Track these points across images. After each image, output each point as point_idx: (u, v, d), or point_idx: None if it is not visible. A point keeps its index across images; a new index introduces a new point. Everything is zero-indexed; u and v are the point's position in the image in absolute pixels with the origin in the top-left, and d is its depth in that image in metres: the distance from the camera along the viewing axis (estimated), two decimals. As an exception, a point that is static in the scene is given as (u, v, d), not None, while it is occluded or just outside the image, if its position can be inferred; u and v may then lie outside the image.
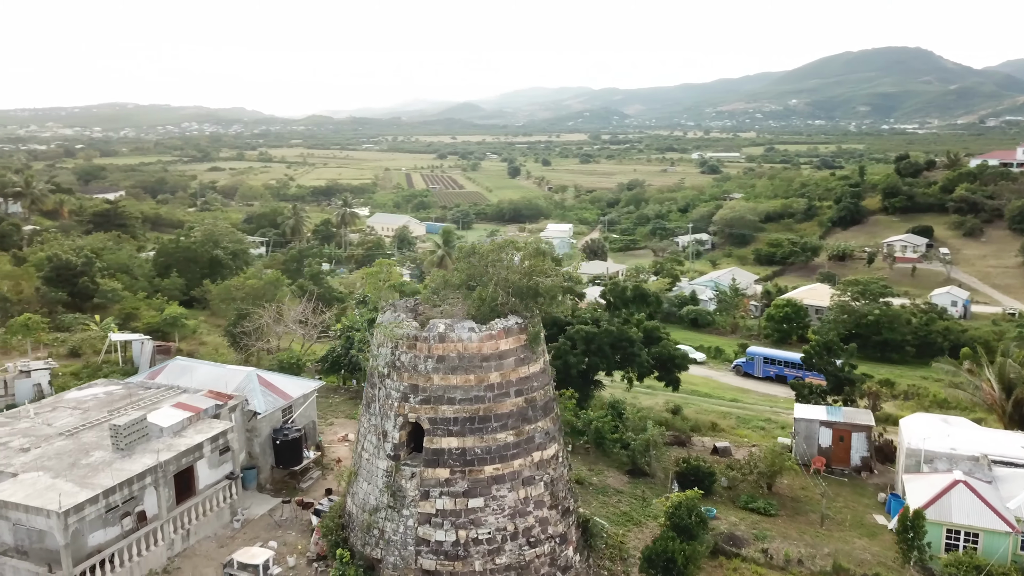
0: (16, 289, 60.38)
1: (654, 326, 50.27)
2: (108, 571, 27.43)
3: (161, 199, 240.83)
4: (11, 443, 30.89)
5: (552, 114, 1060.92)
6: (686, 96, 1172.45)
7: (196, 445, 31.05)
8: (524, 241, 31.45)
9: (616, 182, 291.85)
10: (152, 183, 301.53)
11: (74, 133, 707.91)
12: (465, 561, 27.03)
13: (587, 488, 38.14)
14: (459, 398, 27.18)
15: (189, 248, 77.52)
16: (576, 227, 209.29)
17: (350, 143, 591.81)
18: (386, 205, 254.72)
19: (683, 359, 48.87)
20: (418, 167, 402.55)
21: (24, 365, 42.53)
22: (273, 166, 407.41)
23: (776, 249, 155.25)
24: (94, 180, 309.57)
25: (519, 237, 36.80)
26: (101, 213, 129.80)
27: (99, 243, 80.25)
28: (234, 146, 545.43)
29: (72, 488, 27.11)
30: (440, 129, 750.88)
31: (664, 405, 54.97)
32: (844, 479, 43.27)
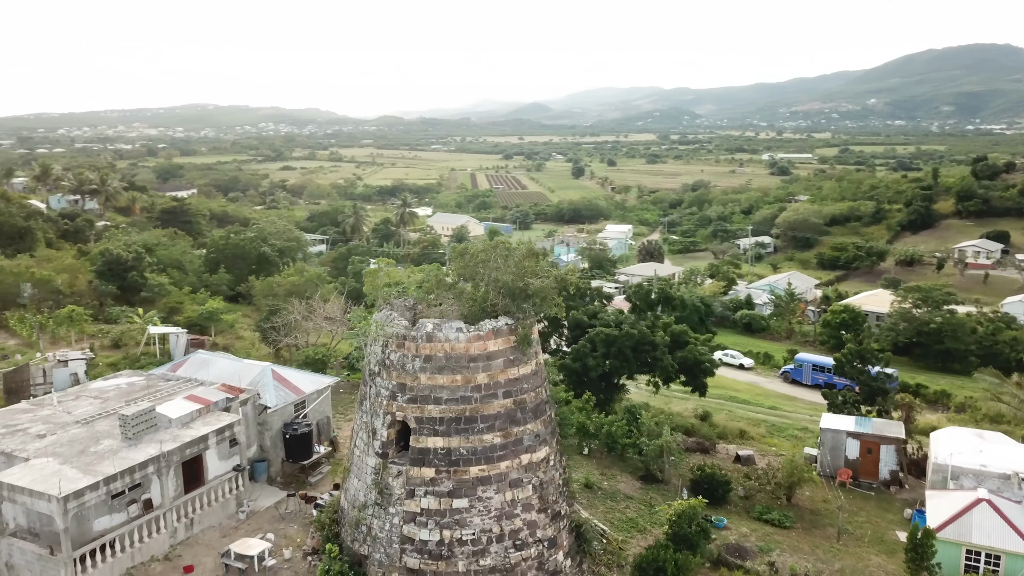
0: (71, 282, 63.24)
1: (681, 330, 49.31)
2: (109, 555, 28.41)
3: (232, 197, 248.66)
4: (31, 429, 32.31)
5: (621, 114, 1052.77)
6: (759, 96, 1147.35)
7: (201, 437, 31.90)
8: (518, 242, 31.25)
9: (681, 183, 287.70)
10: (226, 181, 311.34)
11: (158, 133, 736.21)
12: (449, 561, 27.03)
13: (596, 492, 37.71)
14: (445, 398, 27.20)
15: (238, 245, 79.82)
16: (636, 228, 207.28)
17: (419, 143, 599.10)
18: (448, 205, 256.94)
19: (709, 364, 47.78)
20: (483, 167, 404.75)
21: (62, 355, 44.44)
22: (342, 166, 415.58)
23: (840, 253, 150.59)
24: (172, 178, 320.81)
25: (510, 238, 36.70)
26: (168, 210, 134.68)
27: (154, 239, 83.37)
28: (307, 146, 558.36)
29: (75, 474, 28.18)
30: (508, 130, 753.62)
31: (693, 411, 53.83)
32: (871, 493, 41.63)
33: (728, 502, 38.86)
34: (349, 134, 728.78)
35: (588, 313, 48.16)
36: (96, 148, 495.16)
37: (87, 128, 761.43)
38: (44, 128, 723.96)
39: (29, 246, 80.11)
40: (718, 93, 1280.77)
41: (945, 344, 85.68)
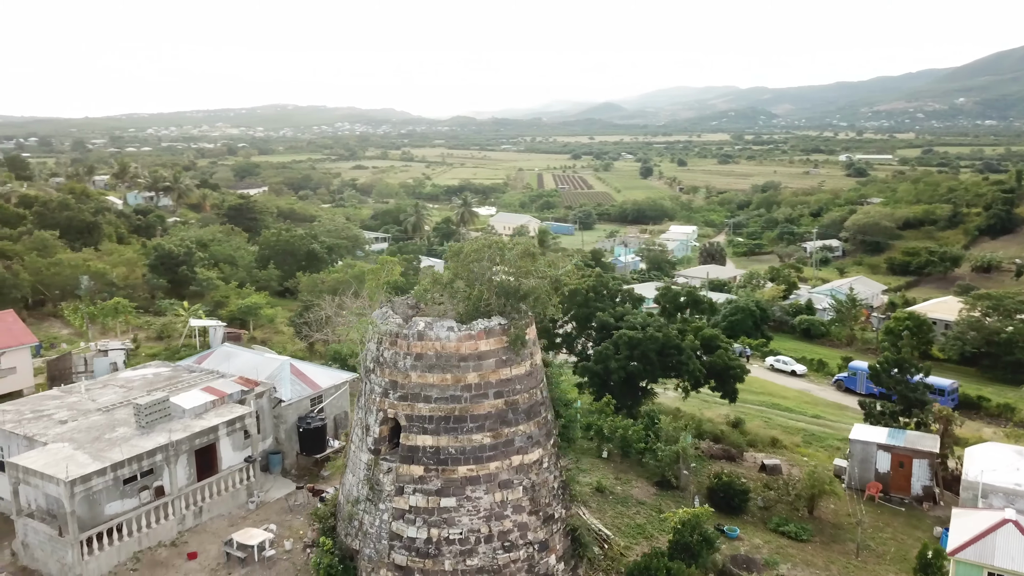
0: (127, 275, 65.99)
1: (713, 334, 48.21)
2: (116, 539, 29.47)
3: (302, 195, 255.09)
4: (55, 415, 33.80)
5: (695, 114, 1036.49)
6: (840, 95, 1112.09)
7: (212, 427, 32.78)
8: (514, 242, 31.06)
9: (751, 184, 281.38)
10: (298, 179, 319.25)
11: (239, 132, 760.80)
12: (436, 560, 27.06)
13: (607, 497, 37.21)
14: (435, 397, 27.25)
15: (288, 242, 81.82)
16: (701, 230, 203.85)
17: (490, 144, 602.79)
18: (512, 205, 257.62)
19: (739, 370, 46.54)
20: (550, 167, 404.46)
21: (103, 345, 46.35)
22: (413, 165, 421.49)
23: (911, 258, 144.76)
24: (249, 176, 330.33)
25: (505, 237, 36.40)
26: (235, 207, 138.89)
27: (209, 235, 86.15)
28: (380, 146, 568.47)
29: (86, 459, 29.33)
30: (579, 130, 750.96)
31: (725, 417, 52.57)
32: (901, 509, 39.87)
33: (745, 512, 37.82)
34: (422, 134, 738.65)
35: (615, 315, 47.53)
36: (180, 147, 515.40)
37: (173, 128, 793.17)
38: (135, 128, 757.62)
39: (96, 240, 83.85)
40: (796, 92, 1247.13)
41: (1016, 355, 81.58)
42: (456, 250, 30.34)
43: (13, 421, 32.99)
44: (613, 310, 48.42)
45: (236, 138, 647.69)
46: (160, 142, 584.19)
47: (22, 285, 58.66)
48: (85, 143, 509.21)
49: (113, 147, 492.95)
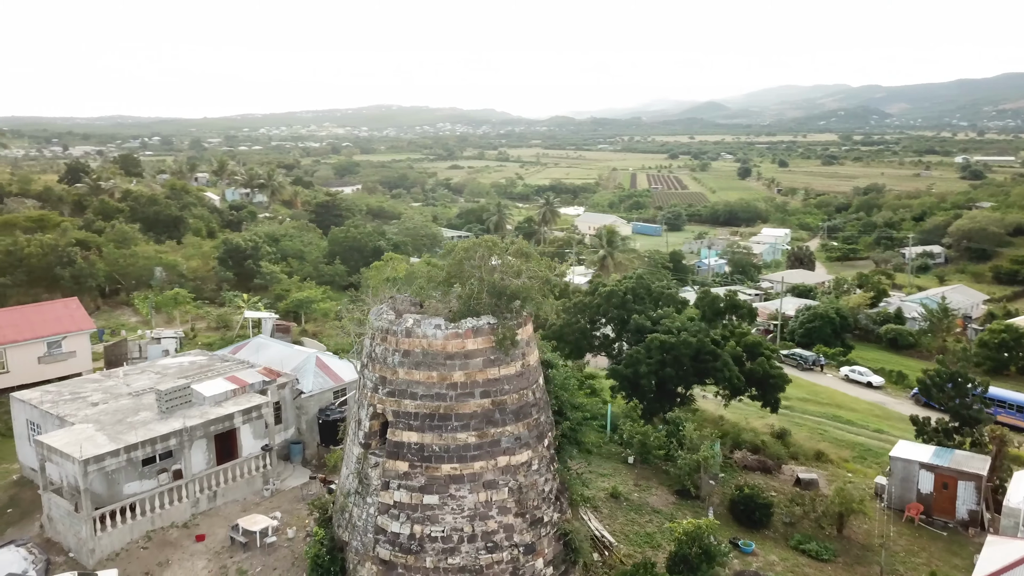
0: (201, 267, 69.35)
1: (756, 340, 46.46)
2: (129, 517, 30.98)
3: (395, 193, 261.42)
4: (90, 397, 35.84)
5: (803, 113, 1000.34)
6: (961, 93, 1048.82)
7: (227, 415, 34.01)
8: (507, 241, 30.83)
9: (853, 186, 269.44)
10: (395, 178, 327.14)
11: (344, 132, 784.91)
12: (418, 556, 27.17)
13: (620, 503, 36.47)
14: (421, 394, 27.35)
15: (355, 238, 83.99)
16: (795, 233, 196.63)
17: (586, 143, 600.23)
18: (601, 204, 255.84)
19: (780, 379, 44.63)
20: (645, 167, 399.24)
21: (156, 333, 48.81)
22: (507, 165, 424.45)
23: (1020, 267, 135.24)
24: (348, 174, 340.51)
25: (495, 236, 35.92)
26: (322, 204, 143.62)
27: (282, 231, 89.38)
28: (478, 146, 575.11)
29: (103, 440, 30.98)
30: (679, 129, 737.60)
31: (769, 427, 50.56)
32: (943, 533, 37.33)
33: (768, 527, 36.30)
34: (520, 134, 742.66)
35: (652, 319, 46.46)
36: (289, 146, 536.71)
37: (284, 127, 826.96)
38: (248, 127, 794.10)
39: (180, 234, 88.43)
40: (913, 90, 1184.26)
41: (1119, 374, 75.15)
42: (450, 248, 30.33)
43: (50, 401, 35.18)
44: (654, 313, 47.32)
45: (341, 137, 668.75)
46: (270, 141, 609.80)
47: (97, 274, 62.75)
48: (202, 142, 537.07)
49: (227, 146, 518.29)
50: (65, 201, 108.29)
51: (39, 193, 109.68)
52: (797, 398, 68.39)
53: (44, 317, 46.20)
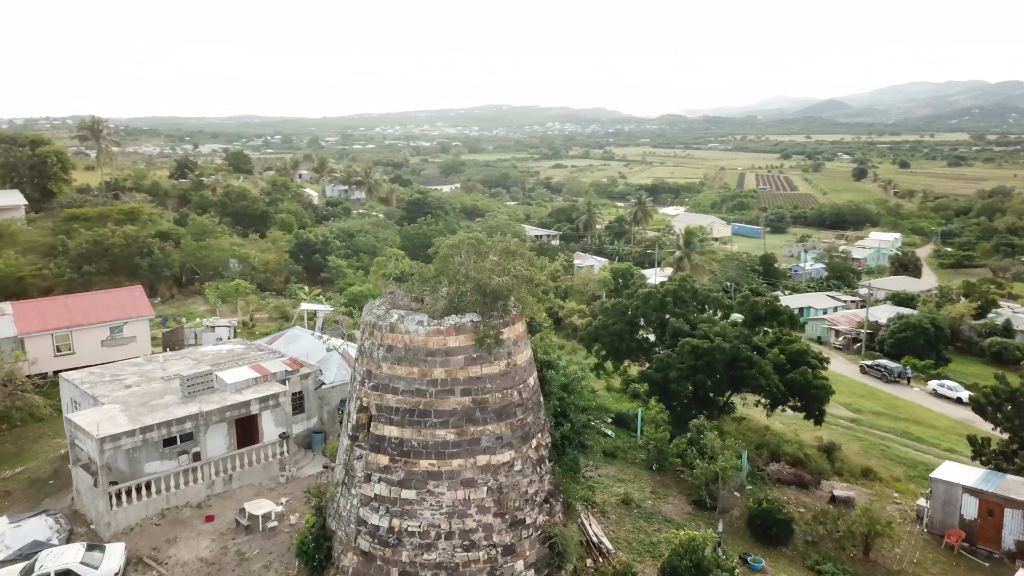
0: (274, 260, 72.35)
1: (801, 349, 44.22)
2: (145, 494, 32.67)
3: (493, 192, 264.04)
4: (127, 380, 38.00)
5: (932, 111, 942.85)
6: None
7: (244, 402, 35.29)
8: (495, 239, 30.56)
9: (978, 189, 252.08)
10: (497, 177, 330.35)
11: (456, 131, 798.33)
12: (395, 549, 27.43)
13: (631, 510, 35.55)
14: (402, 389, 27.59)
15: (425, 235, 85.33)
16: (907, 237, 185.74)
17: (696, 142, 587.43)
18: (703, 205, 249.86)
19: (822, 390, 42.31)
20: (755, 167, 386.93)
21: (211, 321, 51.19)
22: (612, 164, 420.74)
23: None
24: (452, 173, 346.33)
25: (481, 234, 35.17)
26: (413, 201, 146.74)
27: (358, 226, 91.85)
28: (585, 145, 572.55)
29: (123, 421, 32.78)
30: (796, 128, 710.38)
31: (816, 440, 48.02)
32: (985, 564, 34.46)
33: (788, 544, 34.57)
34: (629, 133, 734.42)
35: (691, 322, 45.04)
36: (400, 145, 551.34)
37: (398, 127, 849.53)
38: (364, 127, 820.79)
39: (267, 227, 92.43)
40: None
41: None
42: (438, 246, 30.39)
43: (90, 382, 37.53)
44: (695, 317, 45.89)
45: (452, 137, 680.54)
46: (384, 140, 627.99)
47: (172, 265, 66.56)
48: (319, 140, 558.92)
49: (343, 144, 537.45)
50: (171, 195, 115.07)
51: (149, 188, 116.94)
52: (870, 411, 64.83)
53: (109, 303, 49.39)
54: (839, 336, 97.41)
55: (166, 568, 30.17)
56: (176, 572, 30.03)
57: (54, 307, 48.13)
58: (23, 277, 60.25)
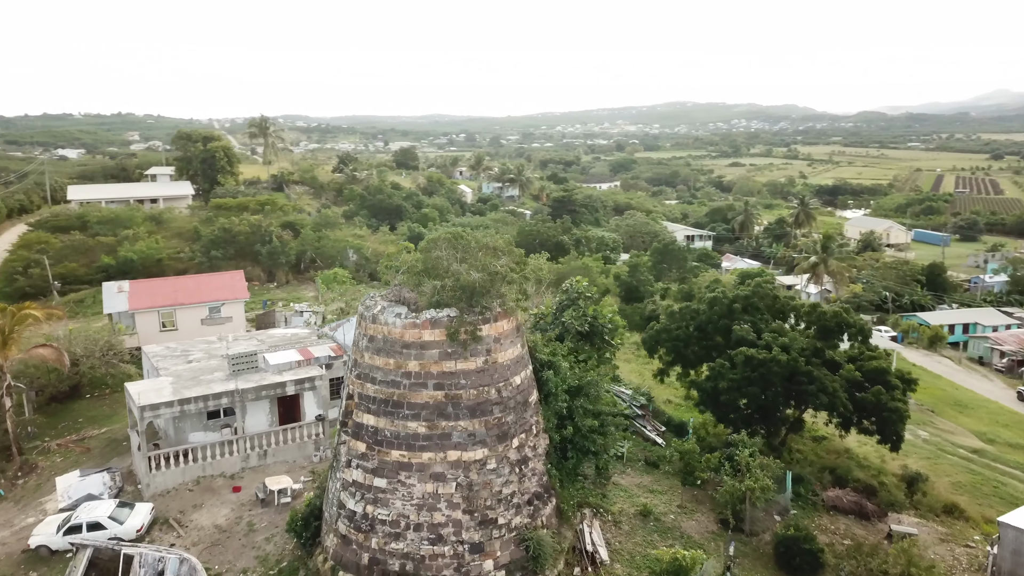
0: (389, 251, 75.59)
1: (880, 367, 40.08)
2: (182, 461, 35.46)
3: (656, 190, 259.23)
4: (192, 355, 41.35)
5: None
6: None
7: (280, 383, 37.36)
8: (473, 235, 30.17)
9: None
10: (665, 176, 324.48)
11: (636, 129, 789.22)
12: (367, 535, 28.01)
13: (647, 522, 33.99)
14: (379, 379, 28.10)
15: (539, 232, 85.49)
16: None
17: (894, 141, 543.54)
18: (886, 208, 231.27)
19: (896, 413, 38.10)
20: (957, 168, 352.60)
21: (300, 307, 54.40)
22: (793, 163, 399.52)
23: None
24: (621, 171, 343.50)
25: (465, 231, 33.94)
26: (558, 199, 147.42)
27: (480, 222, 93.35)
28: (769, 142, 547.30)
29: (167, 392, 35.76)
30: (1016, 126, 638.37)
31: (901, 469, 43.32)
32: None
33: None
34: (820, 131, 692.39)
35: (760, 331, 42.16)
36: (577, 143, 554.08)
37: (578, 125, 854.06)
38: (546, 125, 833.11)
39: (400, 220, 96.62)
40: None
41: None
42: (426, 241, 30.48)
43: (161, 355, 41.22)
44: (765, 325, 42.94)
45: (631, 135, 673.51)
46: (562, 138, 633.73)
47: (288, 252, 71.35)
48: (500, 139, 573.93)
49: (523, 143, 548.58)
50: (327, 189, 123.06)
51: (309, 181, 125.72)
52: (1005, 442, 57.85)
53: (210, 286, 53.86)
54: (1003, 357, 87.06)
55: (184, 531, 32.64)
56: (192, 535, 32.41)
57: (163, 287, 53.26)
58: (161, 259, 67.18)
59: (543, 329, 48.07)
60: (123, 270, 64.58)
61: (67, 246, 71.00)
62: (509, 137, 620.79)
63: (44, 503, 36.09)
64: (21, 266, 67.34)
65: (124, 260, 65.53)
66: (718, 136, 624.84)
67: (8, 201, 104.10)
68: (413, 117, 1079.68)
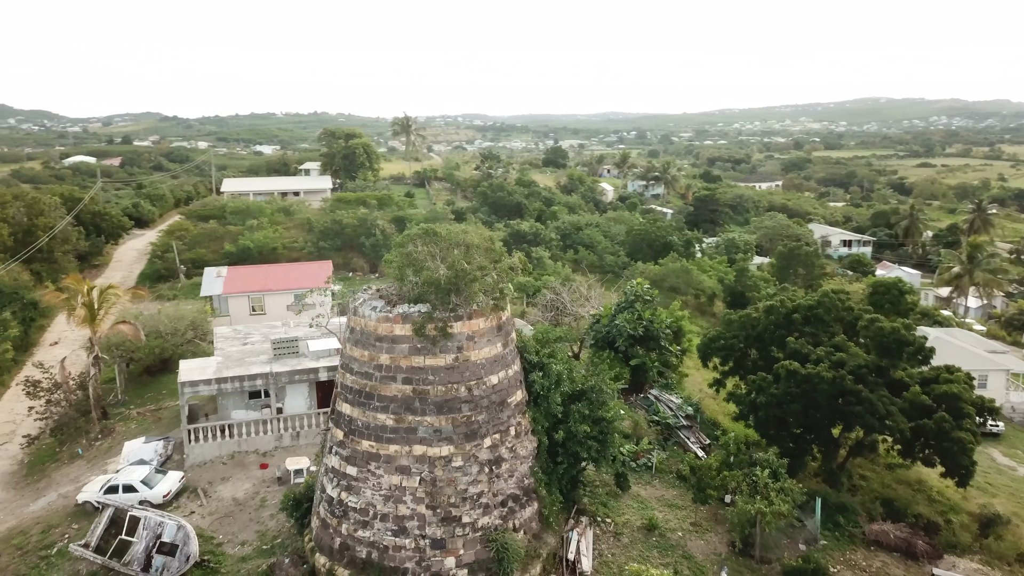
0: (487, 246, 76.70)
1: (952, 392, 35.75)
2: (219, 436, 38.01)
3: (825, 191, 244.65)
4: (250, 338, 44.12)
5: None
6: None
7: (312, 368, 39.10)
8: (452, 232, 29.84)
9: None
10: (840, 176, 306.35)
11: (820, 127, 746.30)
12: (340, 520, 28.83)
13: (649, 537, 32.50)
14: (355, 369, 28.79)
15: (647, 232, 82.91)
16: None
17: None
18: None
19: (960, 443, 33.85)
20: None
21: (377, 297, 56.32)
22: (995, 164, 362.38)
23: None
24: (794, 171, 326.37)
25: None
26: (699, 198, 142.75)
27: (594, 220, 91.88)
28: (970, 142, 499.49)
29: (210, 372, 38.41)
30: None
31: (980, 508, 38.33)
32: None
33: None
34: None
35: (819, 344, 38.92)
36: (753, 141, 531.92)
37: (758, 122, 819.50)
38: (723, 123, 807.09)
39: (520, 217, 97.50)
40: None
41: None
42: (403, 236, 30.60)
43: (223, 337, 44.32)
44: (828, 339, 39.62)
45: (813, 132, 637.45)
46: (738, 135, 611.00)
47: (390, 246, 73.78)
48: (671, 136, 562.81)
49: (695, 140, 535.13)
50: (463, 186, 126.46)
51: (448, 178, 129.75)
52: None
53: (299, 274, 57.09)
54: None
55: (207, 500, 35.03)
56: (212, 505, 34.74)
57: (255, 274, 57.14)
58: (276, 248, 71.97)
59: (597, 331, 47.18)
60: (242, 257, 69.92)
61: (202, 233, 77.97)
62: (682, 134, 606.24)
63: (108, 464, 39.95)
64: (161, 250, 74.70)
65: (243, 248, 70.98)
66: (911, 135, 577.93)
67: (177, 192, 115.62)
68: (587, 115, 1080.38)
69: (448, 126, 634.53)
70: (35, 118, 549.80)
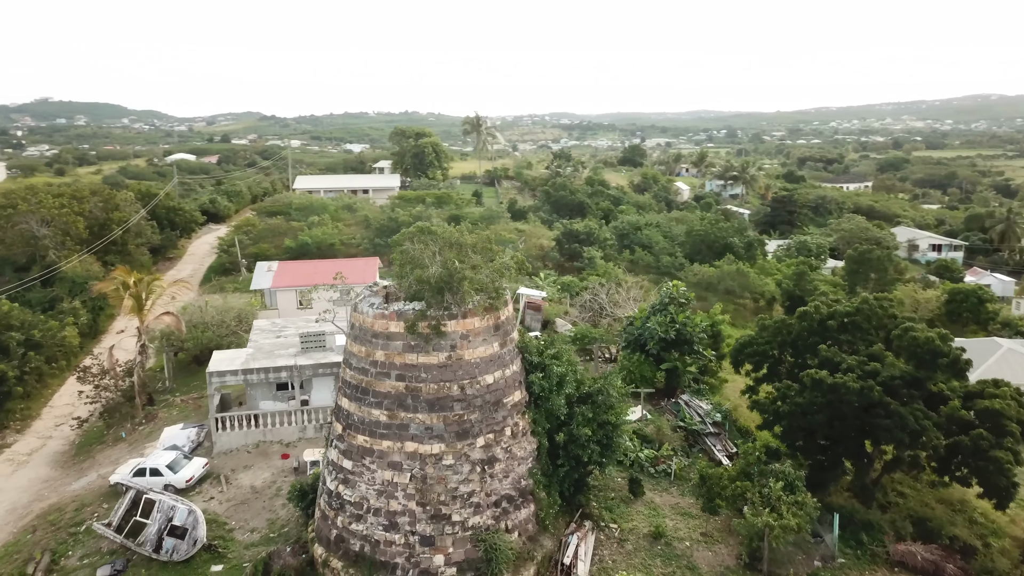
0: (542, 247, 76.28)
1: (995, 408, 33.48)
2: (245, 424, 39.20)
3: (917, 193, 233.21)
4: (284, 331, 45.31)
5: None
6: None
7: (334, 362, 39.81)
8: (447, 231, 29.71)
9: None
10: (940, 177, 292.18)
11: (923, 125, 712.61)
12: (336, 513, 29.32)
13: (655, 545, 31.75)
14: (354, 365, 29.21)
15: (709, 234, 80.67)
16: None
17: None
18: None
19: (997, 466, 31.63)
20: None
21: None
22: None
23: None
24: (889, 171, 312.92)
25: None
26: (777, 198, 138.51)
27: (645, 220, 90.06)
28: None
29: (238, 363, 39.66)
30: None
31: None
32: None
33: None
34: None
35: (855, 352, 37.14)
36: (849, 140, 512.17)
37: (856, 120, 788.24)
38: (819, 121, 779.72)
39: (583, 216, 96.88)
40: None
41: None
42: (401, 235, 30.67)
43: (259, 329, 45.69)
44: (865, 348, 37.77)
45: (916, 131, 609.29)
46: (835, 134, 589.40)
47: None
48: (763, 135, 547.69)
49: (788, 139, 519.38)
50: (531, 185, 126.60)
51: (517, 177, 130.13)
52: None
53: (345, 269, 57.75)
54: None
55: (227, 487, 36.20)
56: (231, 491, 35.89)
57: (304, 269, 58.60)
58: (333, 244, 73.71)
59: (629, 333, 46.40)
60: (301, 252, 71.95)
61: (266, 228, 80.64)
62: (774, 133, 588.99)
63: (147, 448, 41.78)
64: (227, 245, 77.61)
65: (302, 243, 73.02)
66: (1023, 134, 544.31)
67: (254, 188, 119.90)
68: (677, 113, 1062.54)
69: (535, 125, 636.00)
70: (146, 118, 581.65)
